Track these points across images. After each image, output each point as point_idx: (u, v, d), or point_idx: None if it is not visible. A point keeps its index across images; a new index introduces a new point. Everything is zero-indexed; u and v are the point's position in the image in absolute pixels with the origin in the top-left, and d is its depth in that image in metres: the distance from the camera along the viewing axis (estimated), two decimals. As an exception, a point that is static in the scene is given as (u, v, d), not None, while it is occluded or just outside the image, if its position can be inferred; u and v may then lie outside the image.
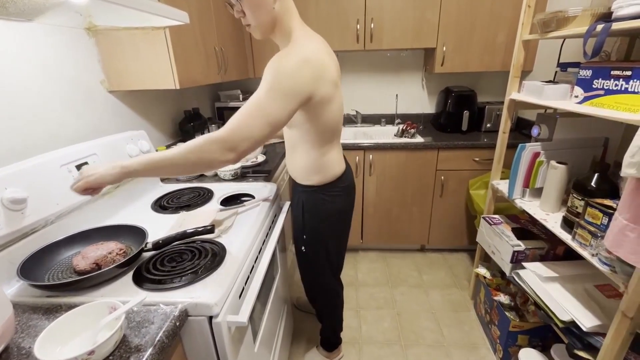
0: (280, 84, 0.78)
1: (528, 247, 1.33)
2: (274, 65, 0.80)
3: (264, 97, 0.78)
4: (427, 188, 2.09)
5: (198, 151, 0.76)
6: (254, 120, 0.77)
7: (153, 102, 1.59)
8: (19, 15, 0.89)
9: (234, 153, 0.77)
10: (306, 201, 1.11)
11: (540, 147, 1.29)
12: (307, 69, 0.82)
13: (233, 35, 1.89)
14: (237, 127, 0.76)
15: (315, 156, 1.03)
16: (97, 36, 1.21)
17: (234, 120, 0.77)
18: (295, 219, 1.18)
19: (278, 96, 0.78)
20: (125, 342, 0.59)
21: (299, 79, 0.81)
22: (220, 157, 0.76)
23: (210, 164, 0.78)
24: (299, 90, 0.81)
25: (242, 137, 0.76)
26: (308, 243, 1.17)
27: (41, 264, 0.79)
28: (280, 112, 0.79)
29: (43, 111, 1.01)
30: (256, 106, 0.77)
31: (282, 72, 0.79)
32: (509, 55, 1.99)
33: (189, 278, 0.75)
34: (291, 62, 0.80)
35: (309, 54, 0.83)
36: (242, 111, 0.77)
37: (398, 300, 1.87)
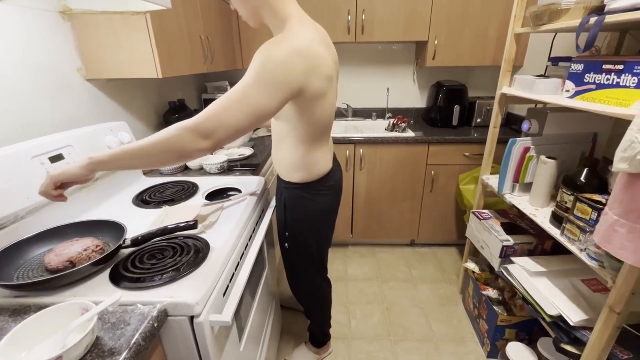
0: (269, 73, 0.72)
1: (517, 242, 1.33)
2: (264, 52, 0.73)
3: (249, 84, 0.71)
4: (418, 183, 2.08)
5: (169, 138, 0.69)
6: (236, 107, 0.71)
7: (135, 92, 1.52)
8: (-17, -6, 0.82)
9: (208, 141, 0.70)
10: (288, 198, 1.07)
11: (531, 142, 1.29)
12: (299, 60, 0.75)
13: (220, 24, 1.82)
14: (214, 114, 0.70)
15: (301, 153, 0.97)
16: (72, 20, 1.14)
17: (213, 106, 0.70)
18: (278, 215, 1.15)
19: (265, 85, 0.72)
20: (97, 345, 0.55)
21: (289, 70, 0.74)
22: (192, 145, 0.69)
23: (183, 153, 0.70)
24: (288, 82, 0.75)
25: (218, 124, 0.70)
26: (290, 240, 1.14)
27: (9, 262, 0.74)
28: (265, 103, 0.73)
29: (13, 99, 0.95)
30: (240, 94, 0.71)
31: (271, 60, 0.72)
32: (500, 49, 1.98)
33: (169, 276, 0.72)
34: (282, 51, 0.73)
35: (303, 44, 0.77)
36: (223, 98, 0.71)
37: (387, 295, 1.87)
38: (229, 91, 0.72)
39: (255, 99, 0.71)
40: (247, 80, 0.72)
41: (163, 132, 0.70)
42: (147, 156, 0.70)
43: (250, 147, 1.71)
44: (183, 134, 0.69)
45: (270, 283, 1.34)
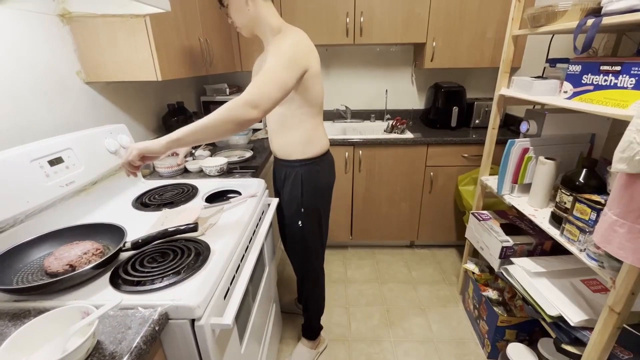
0: (286, 56, 0.95)
1: (516, 242, 1.33)
2: (277, 45, 0.99)
3: (275, 67, 0.93)
4: (417, 184, 2.08)
5: (228, 112, 0.85)
6: (271, 83, 0.90)
7: (134, 95, 1.52)
8: (-18, -3, 0.82)
9: (257, 110, 0.87)
10: (305, 175, 1.18)
11: (529, 142, 1.29)
12: (303, 45, 1.02)
13: (219, 27, 1.83)
14: (258, 89, 0.88)
15: (309, 127, 1.15)
16: (71, 23, 1.14)
17: (255, 84, 0.89)
18: (292, 196, 1.22)
19: (286, 65, 0.94)
20: (98, 349, 0.55)
21: (298, 52, 0.99)
22: (246, 115, 0.86)
23: (240, 122, 0.86)
24: (300, 60, 0.99)
25: (262, 96, 0.88)
26: (305, 217, 1.23)
27: (9, 266, 0.73)
28: (288, 78, 0.95)
29: (12, 103, 0.94)
30: (271, 72, 0.92)
31: (285, 49, 0.97)
32: (497, 51, 2.00)
33: (170, 279, 0.71)
34: (290, 40, 1.00)
35: (301, 37, 1.04)
36: (259, 78, 0.90)
37: (387, 296, 1.87)
38: (261, 73, 0.91)
39: (282, 76, 0.93)
40: (272, 64, 0.94)
41: (223, 108, 0.86)
42: (213, 128, 0.85)
43: (250, 150, 1.71)
44: (239, 107, 0.86)
45: (270, 285, 1.34)
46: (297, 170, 1.19)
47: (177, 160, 1.34)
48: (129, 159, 0.84)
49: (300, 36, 1.04)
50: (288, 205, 1.25)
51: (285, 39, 1.00)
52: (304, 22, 2.00)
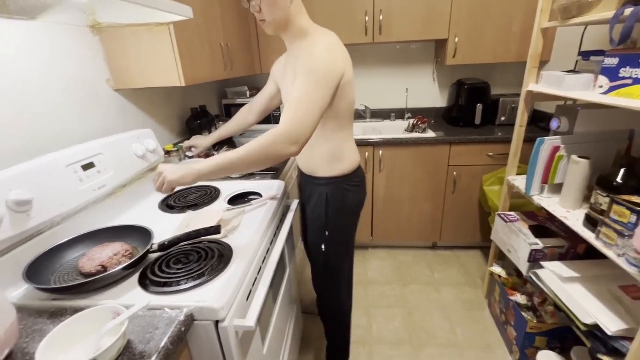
0: (320, 69, 0.85)
1: (546, 245, 1.27)
2: (307, 57, 0.87)
3: (309, 88, 0.84)
4: (439, 184, 2.03)
5: (264, 148, 0.81)
6: (309, 110, 0.83)
7: (159, 100, 1.58)
8: (21, 13, 0.88)
9: (297, 145, 0.82)
10: (330, 194, 1.07)
11: (560, 140, 1.23)
12: (336, 50, 0.91)
13: (239, 30, 1.86)
14: (296, 119, 0.82)
15: (337, 142, 1.04)
16: (101, 34, 1.19)
17: (290, 114, 0.82)
18: (315, 216, 1.12)
19: (320, 83, 0.85)
20: (128, 348, 0.57)
21: (331, 60, 0.88)
22: (285, 151, 0.82)
23: (278, 158, 0.83)
24: (334, 70, 0.89)
25: (301, 129, 0.82)
26: (330, 241, 1.12)
27: (47, 266, 0.78)
28: (325, 97, 0.86)
29: (47, 111, 1.00)
30: (308, 96, 0.84)
31: (317, 61, 0.86)
32: (524, 44, 1.91)
33: (195, 280, 0.73)
34: (321, 49, 0.88)
35: (332, 40, 0.93)
36: (293, 105, 0.83)
37: (409, 298, 1.84)
38: (295, 98, 0.84)
39: (316, 97, 0.85)
40: (304, 84, 0.85)
41: (259, 143, 0.81)
42: (247, 165, 0.84)
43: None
44: (277, 143, 0.81)
45: (291, 287, 1.35)
46: (322, 189, 1.08)
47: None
48: (163, 190, 0.85)
49: (330, 39, 0.92)
50: (311, 223, 1.16)
51: (315, 45, 0.88)
52: (322, 22, 1.96)
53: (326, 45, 0.89)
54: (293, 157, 0.86)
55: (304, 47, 0.89)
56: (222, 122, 1.88)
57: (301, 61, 0.87)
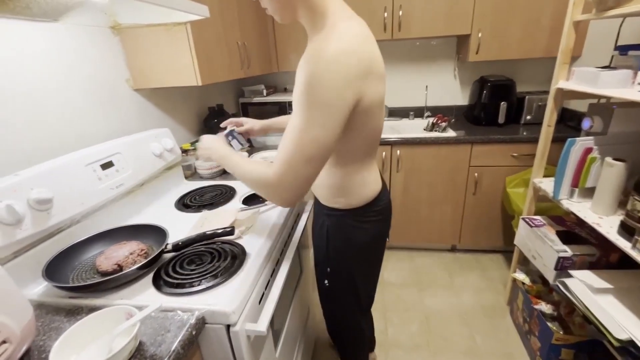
0: (322, 93, 0.60)
1: (576, 252, 1.20)
2: (311, 65, 0.61)
3: (305, 119, 0.62)
4: (459, 185, 1.96)
5: (256, 187, 0.74)
6: (300, 159, 0.63)
7: (178, 99, 1.59)
8: (44, 15, 0.90)
9: (285, 202, 0.70)
10: (332, 227, 0.89)
11: (593, 141, 1.15)
12: (355, 58, 0.62)
13: (256, 29, 1.85)
14: (283, 174, 0.66)
15: (346, 174, 0.81)
16: (121, 34, 1.21)
17: (279, 161, 0.66)
18: (317, 245, 0.97)
19: (322, 110, 0.61)
20: (140, 350, 0.57)
21: (344, 76, 0.61)
22: (277, 201, 0.71)
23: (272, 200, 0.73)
24: (344, 93, 0.62)
25: (290, 186, 0.66)
26: (332, 277, 0.96)
27: (67, 263, 0.79)
28: (328, 134, 0.63)
29: (69, 111, 1.02)
30: (301, 134, 0.63)
31: (322, 76, 0.60)
32: (553, 39, 1.80)
33: (208, 282, 0.73)
34: (332, 53, 0.60)
35: (353, 39, 0.63)
36: (284, 147, 0.65)
37: (427, 302, 1.78)
38: (289, 136, 0.64)
39: (318, 136, 0.63)
40: (302, 114, 0.63)
41: (255, 177, 0.72)
42: (244, 182, 0.77)
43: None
44: (262, 190, 0.72)
45: (305, 289, 1.33)
46: (323, 220, 0.90)
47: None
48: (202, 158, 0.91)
49: (351, 36, 0.63)
50: (315, 251, 1.00)
51: (325, 46, 0.61)
52: (340, 19, 1.95)
53: (342, 47, 0.61)
54: None
55: (311, 51, 0.64)
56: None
57: (303, 75, 0.63)
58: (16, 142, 0.87)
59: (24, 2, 0.75)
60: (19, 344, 0.55)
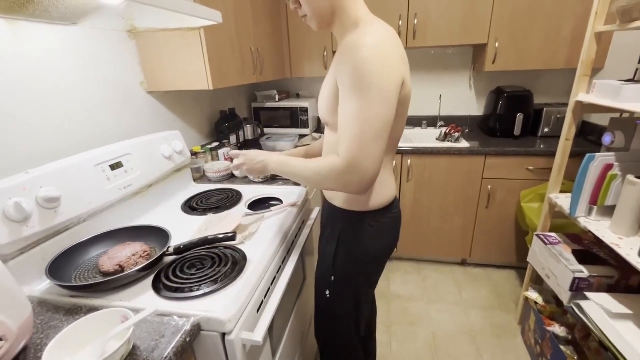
0: (371, 78, 0.63)
1: (592, 273, 1.14)
2: (351, 58, 0.64)
3: (360, 105, 0.64)
4: (471, 197, 1.91)
5: (320, 180, 0.73)
6: (364, 139, 0.64)
7: (190, 102, 1.62)
8: (63, 19, 0.92)
9: (359, 186, 0.67)
10: (344, 231, 0.86)
11: (614, 157, 1.10)
12: (391, 46, 0.67)
13: (270, 34, 1.87)
14: (351, 156, 0.65)
15: None
16: (137, 38, 1.24)
17: (344, 146, 0.66)
18: (324, 252, 0.92)
19: (374, 94, 0.63)
20: (132, 355, 0.56)
21: (387, 60, 0.65)
22: (343, 190, 0.71)
23: (341, 190, 0.72)
24: (391, 74, 0.66)
25: (361, 166, 0.65)
26: (336, 288, 0.90)
27: (70, 261, 0.80)
28: (387, 114, 0.65)
29: (83, 111, 1.05)
30: (359, 119, 0.64)
31: (366, 63, 0.63)
32: (574, 50, 1.75)
33: (207, 287, 0.72)
34: (371, 43, 0.64)
35: (386, 33, 0.68)
36: (346, 133, 0.66)
37: (433, 317, 1.73)
38: (347, 122, 0.66)
39: (377, 117, 0.64)
40: (355, 102, 0.64)
41: (317, 170, 0.72)
42: (306, 183, 0.77)
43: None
44: (330, 180, 0.70)
45: (310, 297, 1.31)
46: (337, 223, 0.87)
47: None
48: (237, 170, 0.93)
49: (383, 31, 0.68)
50: (320, 260, 0.96)
51: (362, 39, 0.65)
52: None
53: (378, 38, 0.65)
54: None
55: (348, 44, 0.66)
56: (250, 125, 1.90)
57: (345, 65, 0.66)
58: (30, 140, 0.89)
59: (43, 5, 0.78)
60: (16, 341, 0.55)
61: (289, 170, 0.80)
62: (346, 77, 0.66)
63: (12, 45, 0.84)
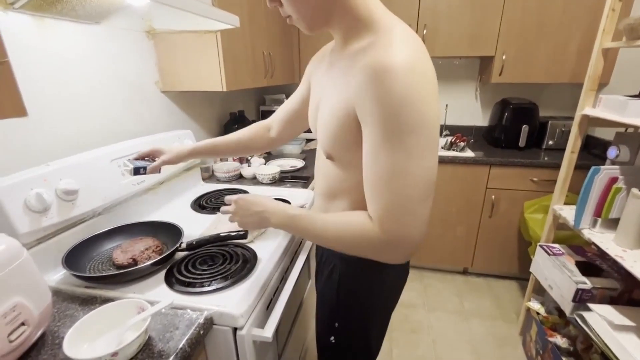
0: (414, 119, 0.47)
1: (596, 285, 1.15)
2: (385, 88, 0.47)
3: (400, 158, 0.49)
4: (475, 206, 1.92)
5: (353, 246, 0.57)
6: (407, 203, 0.50)
7: (202, 103, 1.65)
8: (87, 18, 0.95)
9: (400, 257, 0.55)
10: (344, 272, 0.72)
11: (619, 171, 1.12)
12: (428, 66, 0.51)
13: (282, 39, 1.91)
14: (392, 226, 0.51)
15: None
16: (155, 39, 1.27)
17: (385, 211, 0.51)
18: (324, 295, 0.79)
19: (419, 142, 0.48)
20: (148, 345, 0.57)
21: (428, 90, 0.49)
22: (391, 260, 0.56)
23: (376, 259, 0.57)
24: (436, 108, 0.51)
25: (405, 237, 0.52)
26: (341, 334, 0.77)
27: (85, 253, 0.82)
28: (431, 166, 0.51)
29: (100, 108, 1.07)
30: (400, 177, 0.49)
31: (407, 97, 0.47)
32: (580, 65, 1.78)
33: (218, 283, 0.73)
34: (406, 71, 0.47)
35: (417, 45, 0.52)
36: (386, 193, 0.50)
37: (434, 325, 1.73)
38: (383, 181, 0.50)
39: (422, 172, 0.50)
40: (394, 154, 0.49)
41: (349, 232, 0.55)
42: (329, 246, 0.61)
43: (302, 159, 1.73)
44: (367, 249, 0.55)
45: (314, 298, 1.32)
46: (335, 261, 0.72)
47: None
48: (228, 216, 0.72)
49: (412, 39, 0.52)
50: (320, 301, 0.81)
51: (393, 58, 0.47)
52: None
53: (412, 56, 0.48)
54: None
55: (371, 65, 0.48)
56: (258, 128, 1.92)
57: (371, 98, 0.48)
58: (50, 134, 0.91)
59: (71, 4, 0.81)
60: (36, 327, 0.56)
61: (302, 229, 0.62)
62: (376, 118, 0.49)
63: (39, 42, 0.87)
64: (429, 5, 1.87)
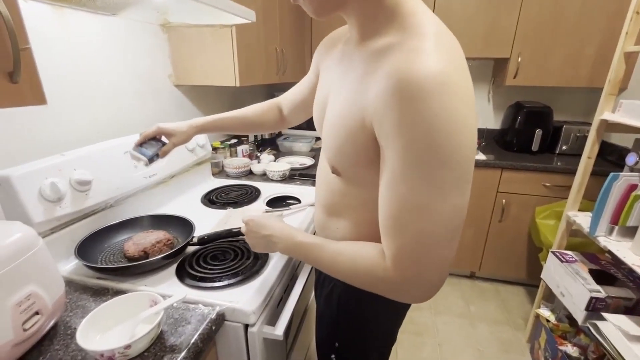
0: (448, 148, 0.39)
1: (610, 294, 1.12)
2: (416, 107, 0.38)
3: (430, 191, 0.41)
4: (485, 210, 1.90)
5: (367, 283, 0.50)
6: (430, 245, 0.43)
7: (213, 98, 1.64)
8: (105, 9, 0.95)
9: (426, 297, 0.47)
10: (344, 293, 0.66)
11: (639, 178, 1.09)
12: (468, 80, 0.43)
13: (295, 36, 1.89)
14: (410, 268, 0.44)
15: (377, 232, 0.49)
16: (169, 32, 1.26)
17: (404, 251, 0.44)
18: (322, 312, 0.75)
19: (454, 176, 0.41)
20: (160, 339, 0.57)
21: (466, 112, 0.40)
22: (407, 300, 0.50)
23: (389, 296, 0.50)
24: (474, 134, 0.42)
25: (424, 281, 0.45)
26: (343, 354, 0.73)
27: (97, 244, 0.82)
28: (463, 203, 0.42)
29: (114, 99, 1.07)
30: (427, 215, 0.41)
31: (442, 123, 0.38)
32: (598, 69, 1.74)
33: (229, 279, 0.73)
34: (443, 86, 0.38)
35: (457, 49, 0.44)
36: (407, 232, 0.43)
37: (440, 329, 1.72)
38: (403, 218, 0.43)
39: (451, 210, 0.42)
40: (419, 188, 0.41)
41: (362, 267, 0.49)
42: (338, 277, 0.54)
43: (312, 157, 1.72)
44: (382, 289, 0.49)
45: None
46: (335, 282, 0.67)
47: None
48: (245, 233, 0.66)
49: (449, 43, 0.44)
50: (319, 321, 0.77)
51: (427, 69, 0.38)
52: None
53: (449, 65, 0.40)
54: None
55: (398, 75, 0.39)
56: (268, 125, 1.92)
57: (397, 116, 0.40)
58: (65, 124, 0.91)
59: (90, -6, 0.80)
60: (49, 317, 0.56)
61: (311, 259, 0.57)
62: (399, 144, 0.40)
63: (59, 32, 0.87)
64: (443, 4, 1.85)
